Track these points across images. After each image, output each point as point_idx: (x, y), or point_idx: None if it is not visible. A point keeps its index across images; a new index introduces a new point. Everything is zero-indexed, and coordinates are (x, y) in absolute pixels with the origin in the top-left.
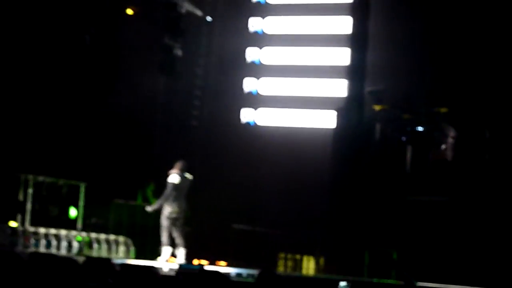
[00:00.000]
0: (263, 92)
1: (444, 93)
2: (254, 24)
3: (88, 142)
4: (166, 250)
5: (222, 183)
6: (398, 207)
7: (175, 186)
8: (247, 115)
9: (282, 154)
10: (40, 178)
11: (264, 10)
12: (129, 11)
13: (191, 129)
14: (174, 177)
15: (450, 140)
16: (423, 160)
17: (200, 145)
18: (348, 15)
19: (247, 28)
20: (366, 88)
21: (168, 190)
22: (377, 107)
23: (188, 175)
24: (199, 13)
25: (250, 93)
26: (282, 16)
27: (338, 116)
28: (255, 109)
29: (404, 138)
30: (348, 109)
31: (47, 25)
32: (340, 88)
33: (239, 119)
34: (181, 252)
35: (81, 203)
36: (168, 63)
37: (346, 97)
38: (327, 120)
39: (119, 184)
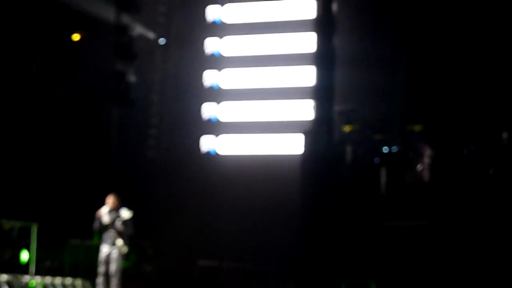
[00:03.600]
0: (224, 118)
1: (418, 110)
2: (211, 46)
3: (37, 179)
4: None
5: (184, 217)
6: (374, 234)
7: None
8: (207, 143)
9: (248, 182)
10: None
11: (220, 30)
12: (75, 37)
13: (148, 161)
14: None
15: (426, 159)
16: (398, 183)
17: (159, 178)
18: (311, 31)
19: (204, 51)
20: (335, 108)
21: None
22: (347, 128)
23: (124, 211)
24: (151, 35)
25: (209, 120)
26: (240, 36)
27: (305, 140)
28: (216, 136)
29: (377, 160)
30: (316, 131)
31: None
32: (306, 110)
33: (199, 149)
34: None
35: (34, 245)
36: (121, 91)
37: (313, 119)
38: (293, 145)
39: (74, 223)
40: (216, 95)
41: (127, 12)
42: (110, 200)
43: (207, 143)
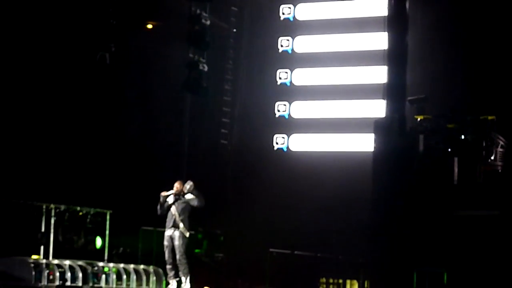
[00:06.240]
0: (296, 115)
1: (491, 99)
2: (284, 42)
3: (112, 167)
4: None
5: (257, 204)
6: (446, 223)
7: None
8: (279, 141)
9: (321, 169)
10: (63, 207)
11: (293, 28)
12: (149, 26)
13: (220, 148)
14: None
15: (499, 149)
16: (471, 172)
17: (231, 165)
18: (383, 30)
19: (277, 48)
20: (407, 98)
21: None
22: (419, 117)
23: (189, 196)
24: (224, 25)
25: (282, 117)
26: (312, 35)
27: (377, 138)
28: (288, 135)
29: (450, 149)
30: (387, 129)
31: (65, 45)
32: (377, 108)
33: (272, 141)
34: (184, 280)
35: (107, 232)
36: (193, 79)
37: (384, 117)
38: (365, 143)
39: (147, 210)
40: (289, 92)
41: (200, 1)
42: (177, 185)
43: (280, 141)
